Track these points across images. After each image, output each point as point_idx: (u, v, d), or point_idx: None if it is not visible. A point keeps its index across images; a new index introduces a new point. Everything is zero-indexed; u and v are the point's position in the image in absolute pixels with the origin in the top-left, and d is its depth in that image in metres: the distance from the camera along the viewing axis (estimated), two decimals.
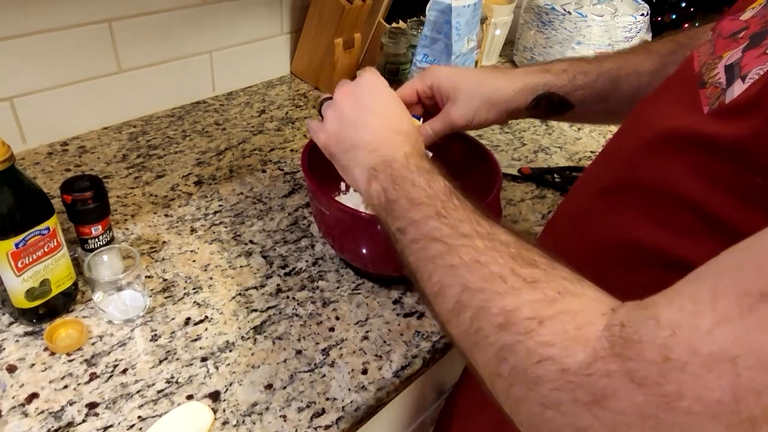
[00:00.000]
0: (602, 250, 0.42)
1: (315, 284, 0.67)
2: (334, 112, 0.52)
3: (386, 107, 0.51)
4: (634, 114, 0.46)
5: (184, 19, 0.92)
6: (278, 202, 0.79)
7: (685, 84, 0.39)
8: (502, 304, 0.32)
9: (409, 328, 0.63)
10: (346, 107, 0.51)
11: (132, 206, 0.76)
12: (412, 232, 0.40)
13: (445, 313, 0.36)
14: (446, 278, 0.36)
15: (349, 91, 0.52)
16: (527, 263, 0.34)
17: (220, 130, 0.94)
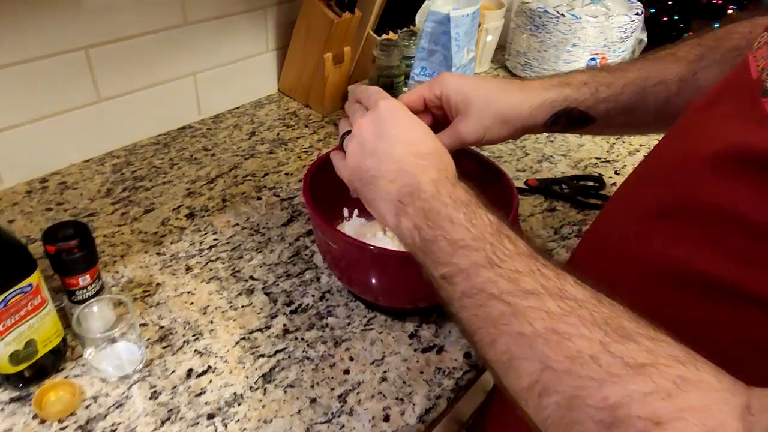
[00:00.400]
0: (656, 282, 0.38)
1: (324, 321, 0.62)
2: (354, 145, 0.48)
3: (408, 131, 0.47)
4: (682, 126, 0.42)
5: (164, 41, 0.87)
6: (277, 232, 0.75)
7: (743, 92, 0.35)
8: (602, 395, 0.27)
9: (429, 364, 0.59)
10: (365, 137, 0.47)
11: (120, 246, 0.71)
12: (461, 283, 0.36)
13: (519, 390, 0.32)
14: (517, 349, 0.32)
15: (367, 120, 0.48)
16: (620, 334, 0.29)
17: (209, 156, 0.89)
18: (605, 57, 1.13)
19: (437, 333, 0.62)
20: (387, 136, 0.46)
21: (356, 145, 0.48)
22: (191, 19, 0.89)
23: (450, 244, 0.38)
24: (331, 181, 0.58)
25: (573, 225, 0.80)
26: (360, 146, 0.47)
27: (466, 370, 0.58)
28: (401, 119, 0.48)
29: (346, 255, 0.58)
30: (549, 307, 0.31)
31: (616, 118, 0.56)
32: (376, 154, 0.46)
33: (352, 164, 0.48)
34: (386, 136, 0.46)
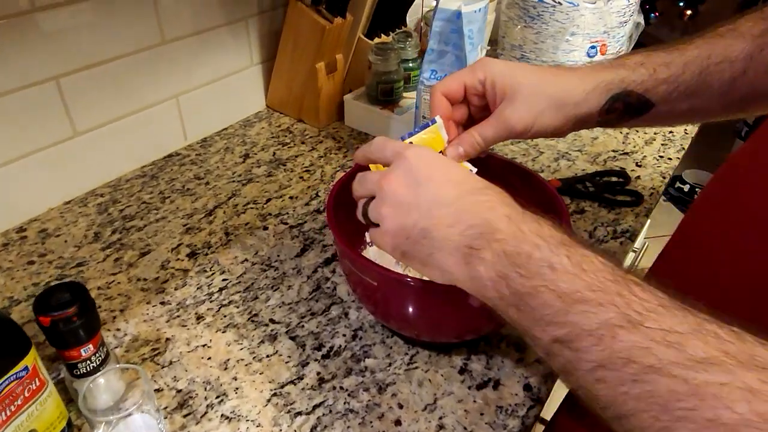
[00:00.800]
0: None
1: (362, 364, 0.55)
2: (387, 207, 0.41)
3: (449, 170, 0.41)
4: None
5: (141, 64, 0.79)
6: (291, 265, 0.67)
7: None
8: None
9: (488, 403, 0.52)
10: (399, 193, 0.41)
11: (119, 298, 0.63)
12: (592, 350, 0.29)
13: None
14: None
15: (394, 174, 0.41)
16: None
17: (202, 185, 0.81)
18: (605, 44, 1.08)
19: (489, 365, 0.56)
20: (426, 181, 0.40)
21: (390, 207, 0.41)
22: (169, 37, 0.81)
23: (559, 297, 0.31)
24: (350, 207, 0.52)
25: (607, 226, 0.75)
26: (396, 206, 0.41)
27: (530, 406, 0.52)
28: (435, 160, 0.42)
29: (383, 289, 0.51)
30: (747, 381, 0.24)
31: (678, 103, 0.50)
32: (420, 205, 0.39)
33: (393, 227, 0.41)
34: (426, 182, 0.40)
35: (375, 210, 0.43)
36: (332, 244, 0.70)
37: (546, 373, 0.55)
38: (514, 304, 0.34)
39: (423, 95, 0.74)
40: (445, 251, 0.38)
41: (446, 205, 0.38)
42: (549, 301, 0.32)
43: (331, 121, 0.97)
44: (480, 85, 0.50)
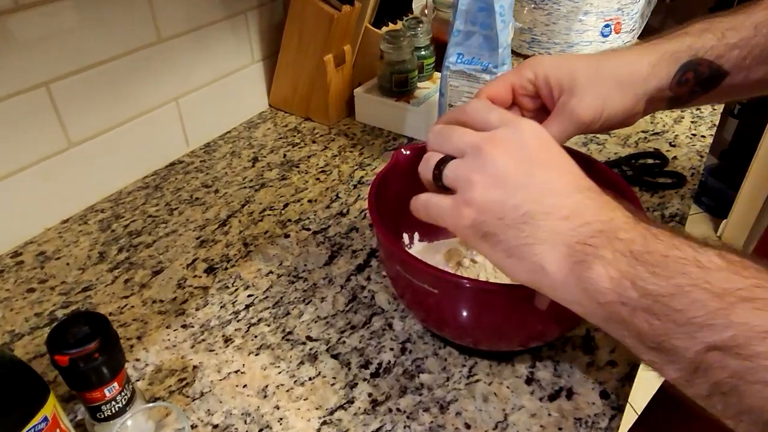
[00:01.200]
0: None
1: (417, 381, 0.50)
2: (482, 175, 0.35)
3: (567, 160, 0.36)
4: None
5: (138, 64, 0.72)
6: (321, 274, 0.61)
7: None
8: None
9: (564, 415, 0.47)
10: (505, 165, 0.35)
11: (134, 324, 0.56)
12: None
13: None
14: None
15: (503, 142, 0.36)
16: None
17: (212, 193, 0.75)
18: (620, 22, 1.03)
19: (557, 371, 0.50)
20: (544, 163, 0.35)
21: (488, 176, 0.35)
22: (165, 35, 0.74)
23: (716, 296, 0.26)
24: (387, 206, 0.47)
25: (653, 210, 0.70)
26: (496, 178, 0.35)
27: (611, 415, 0.47)
28: (554, 145, 0.36)
29: (443, 296, 0.45)
30: None
31: (752, 70, 0.45)
32: (530, 188, 0.34)
33: (484, 200, 0.35)
34: (543, 165, 0.35)
35: (460, 173, 0.36)
36: (362, 248, 0.64)
37: (621, 377, 0.49)
38: (646, 308, 0.29)
39: (449, 81, 0.68)
40: (550, 244, 0.33)
41: (565, 195, 0.34)
42: (701, 300, 0.26)
43: (341, 117, 0.91)
44: (530, 84, 0.45)
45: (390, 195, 0.52)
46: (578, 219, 0.33)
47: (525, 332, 0.47)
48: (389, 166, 0.54)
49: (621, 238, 0.31)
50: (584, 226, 0.32)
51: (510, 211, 0.34)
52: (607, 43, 1.04)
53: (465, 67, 0.66)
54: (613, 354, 0.52)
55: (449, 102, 0.69)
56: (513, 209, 0.34)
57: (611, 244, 0.31)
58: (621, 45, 1.06)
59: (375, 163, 0.80)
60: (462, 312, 0.46)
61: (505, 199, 0.34)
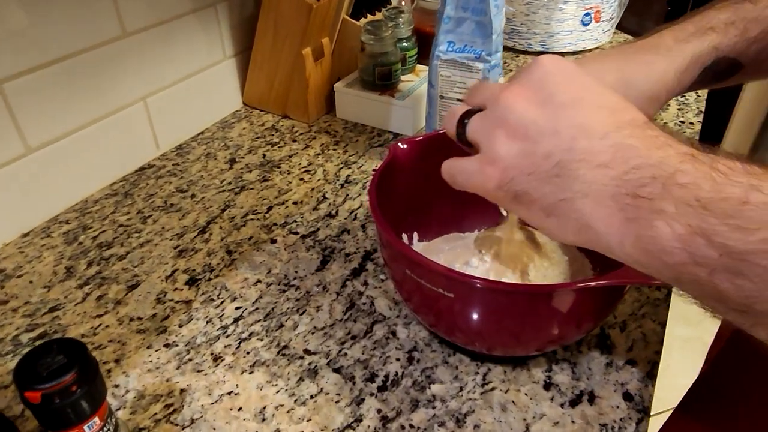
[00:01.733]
0: None
1: (428, 393, 0.46)
2: (504, 128, 0.31)
3: (601, 92, 0.31)
4: None
5: (99, 62, 0.66)
6: (314, 281, 0.57)
7: None
8: None
9: (589, 422, 0.44)
10: (526, 111, 0.31)
11: (111, 345, 0.51)
12: None
13: None
14: None
15: (521, 87, 0.32)
16: None
17: (188, 198, 0.69)
18: (600, 10, 1.02)
19: (576, 374, 0.47)
20: (572, 102, 0.30)
21: (511, 127, 0.31)
22: (130, 29, 0.69)
23: None
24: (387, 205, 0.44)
25: None
26: (519, 128, 0.31)
27: (638, 419, 0.44)
28: (582, 76, 0.32)
29: (459, 299, 0.41)
30: None
31: (766, 61, 0.43)
32: (560, 132, 0.30)
33: (508, 154, 0.31)
34: (570, 103, 0.30)
35: (483, 126, 0.33)
36: (356, 251, 0.60)
37: (643, 377, 0.47)
38: (729, 268, 0.25)
39: (439, 71, 0.64)
40: (593, 198, 0.29)
41: (599, 136, 0.29)
42: None
43: (321, 114, 0.86)
44: None
45: (389, 193, 0.48)
46: (621, 165, 0.28)
47: (545, 336, 0.43)
48: (387, 162, 0.50)
49: (682, 184, 0.26)
50: (630, 172, 0.27)
51: (540, 162, 0.30)
52: (587, 32, 1.03)
53: (457, 55, 0.63)
54: (631, 352, 0.49)
55: (440, 93, 0.66)
56: (543, 160, 0.30)
57: (670, 192, 0.26)
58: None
59: (361, 161, 0.76)
60: (480, 316, 0.42)
61: (531, 149, 0.30)
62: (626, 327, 0.51)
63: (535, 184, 0.30)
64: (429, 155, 0.53)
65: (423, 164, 0.53)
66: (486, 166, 0.32)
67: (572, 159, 0.29)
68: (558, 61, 0.32)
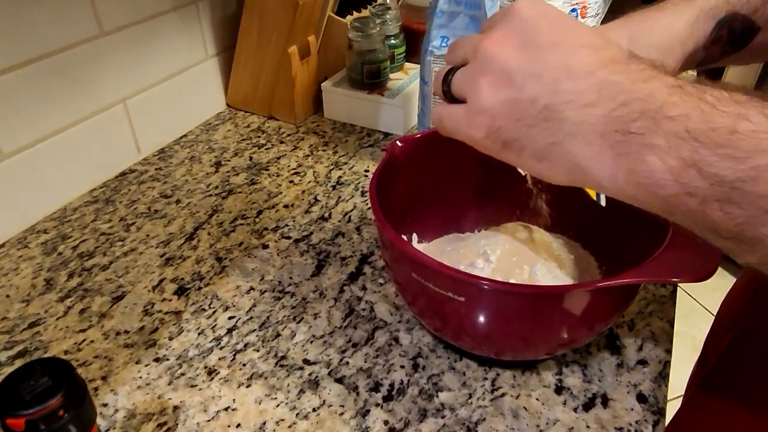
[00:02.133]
0: None
1: (436, 401, 0.44)
2: (488, 76, 0.31)
3: (580, 31, 0.31)
4: None
5: (76, 63, 0.63)
6: (310, 287, 0.55)
7: None
8: None
9: (604, 426, 0.42)
10: (508, 57, 0.30)
11: (97, 362, 0.48)
12: None
13: None
14: None
15: (500, 33, 0.31)
16: None
17: (173, 204, 0.66)
18: (585, 5, 1.01)
19: (587, 377, 0.46)
20: (551, 44, 0.30)
21: (494, 74, 0.31)
22: (108, 27, 0.66)
23: None
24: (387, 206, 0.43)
25: None
26: (502, 74, 0.30)
27: (654, 421, 0.42)
28: (560, 16, 0.31)
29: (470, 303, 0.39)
30: None
31: None
32: (543, 75, 0.29)
33: (494, 102, 0.30)
34: (550, 45, 0.30)
35: (466, 79, 0.32)
36: (352, 255, 0.58)
37: (655, 376, 0.46)
38: (720, 197, 0.25)
39: (433, 67, 0.63)
40: (582, 138, 0.28)
41: (583, 76, 0.29)
42: None
43: (307, 114, 0.84)
44: None
45: (388, 193, 0.46)
46: (608, 102, 0.28)
47: (560, 339, 0.42)
48: (385, 161, 0.48)
49: (671, 116, 0.26)
50: (619, 108, 0.27)
51: (526, 107, 0.30)
52: None
53: None
54: (642, 352, 0.48)
55: (433, 90, 0.64)
56: (529, 105, 0.29)
57: (659, 125, 0.26)
58: None
59: (352, 162, 0.73)
60: (493, 321, 0.40)
61: (517, 95, 0.30)
62: (634, 326, 0.50)
63: (524, 130, 0.30)
64: (427, 153, 0.51)
65: (421, 163, 0.51)
66: (474, 115, 0.32)
67: (559, 101, 0.29)
68: (534, 4, 0.32)
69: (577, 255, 0.50)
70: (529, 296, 0.37)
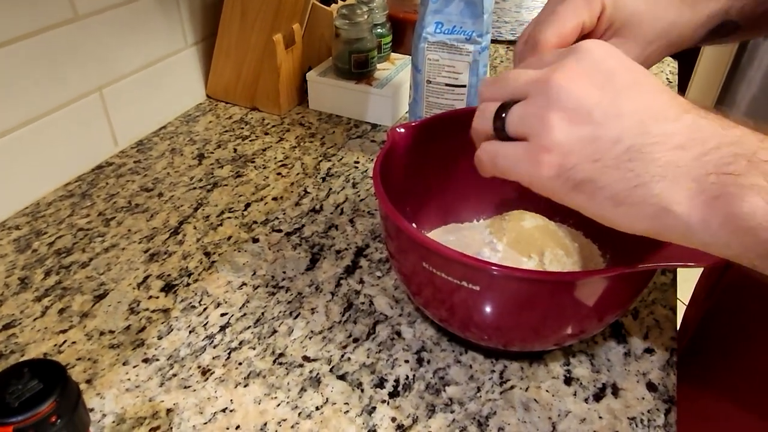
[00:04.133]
0: None
1: (444, 396, 0.42)
2: (560, 111, 0.28)
3: (653, 78, 0.30)
4: None
5: (47, 48, 0.59)
6: (305, 281, 0.52)
7: None
8: None
9: (616, 416, 0.41)
10: (586, 92, 0.28)
11: (80, 364, 0.44)
12: None
13: None
14: None
15: (574, 68, 0.29)
16: None
17: (155, 197, 0.63)
18: None
19: (596, 367, 0.45)
20: (632, 84, 0.29)
21: (568, 111, 0.28)
22: (83, 11, 0.62)
23: None
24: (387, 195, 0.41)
25: None
26: (578, 111, 0.28)
27: (665, 410, 0.42)
28: (634, 62, 0.30)
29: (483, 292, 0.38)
30: None
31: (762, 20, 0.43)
32: (625, 115, 0.28)
33: (569, 140, 0.28)
34: (631, 86, 0.29)
35: (531, 114, 0.29)
36: (347, 247, 0.56)
37: (663, 364, 0.45)
38: None
39: (427, 54, 0.61)
40: (671, 181, 0.27)
41: (671, 118, 0.28)
42: None
43: (292, 105, 0.81)
44: (596, 20, 0.39)
45: (389, 182, 0.44)
46: (698, 146, 0.27)
47: (572, 327, 0.41)
48: (387, 149, 0.46)
49: (766, 159, 0.25)
50: (710, 152, 0.26)
51: (608, 147, 0.28)
52: None
53: (446, 37, 0.59)
54: (648, 340, 0.47)
55: (427, 78, 0.62)
56: (611, 144, 0.28)
57: (757, 167, 0.25)
58: None
59: (341, 153, 0.71)
60: (509, 310, 0.39)
61: (596, 134, 0.28)
62: (638, 314, 0.49)
63: (603, 171, 0.28)
64: (427, 141, 0.50)
65: (421, 150, 0.50)
66: (541, 153, 0.29)
67: (645, 142, 0.27)
68: (604, 44, 0.30)
69: (580, 243, 0.49)
70: (556, 284, 0.36)
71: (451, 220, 0.54)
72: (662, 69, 0.92)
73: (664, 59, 0.96)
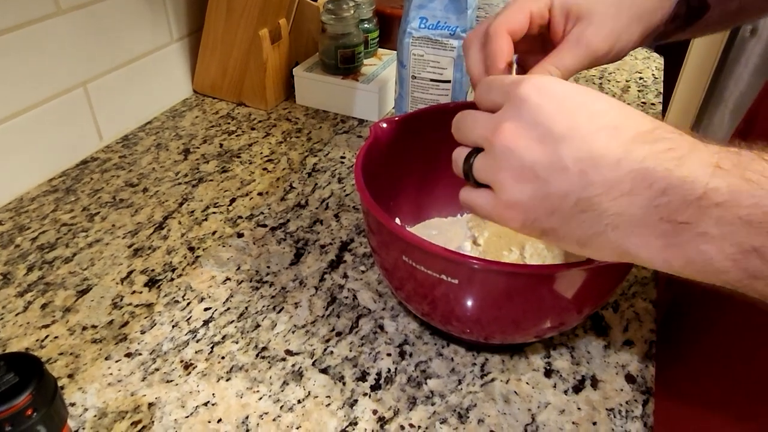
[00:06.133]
0: None
1: (425, 389, 0.43)
2: (506, 172, 0.29)
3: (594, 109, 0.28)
4: None
5: (30, 42, 0.59)
6: (290, 276, 0.53)
7: None
8: None
9: (595, 407, 0.42)
10: (524, 152, 0.28)
11: (62, 359, 0.44)
12: None
13: None
14: None
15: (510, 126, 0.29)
16: None
17: (139, 192, 0.63)
18: None
19: (575, 359, 0.45)
20: (568, 132, 0.28)
21: (512, 171, 0.29)
22: (66, 5, 0.62)
23: None
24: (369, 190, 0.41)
25: None
26: (522, 171, 0.29)
27: (643, 401, 0.42)
28: (569, 94, 0.29)
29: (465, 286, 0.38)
30: None
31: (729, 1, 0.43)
32: (568, 168, 0.27)
33: (522, 198, 0.29)
34: (568, 133, 0.28)
35: (488, 170, 0.30)
36: (331, 242, 0.56)
37: (642, 357, 0.45)
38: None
39: (411, 50, 0.61)
40: (625, 229, 0.27)
41: (611, 165, 0.26)
42: None
43: (279, 101, 0.81)
44: (547, 12, 0.40)
45: (372, 176, 0.44)
46: (645, 190, 0.26)
47: (552, 320, 0.41)
48: (369, 144, 0.46)
49: (718, 203, 0.24)
50: (658, 197, 0.25)
51: (558, 202, 0.28)
52: None
53: (430, 32, 0.60)
54: (627, 333, 0.48)
55: (412, 73, 0.63)
56: (561, 200, 0.28)
57: (707, 214, 0.24)
58: None
59: (327, 148, 0.71)
60: (489, 303, 0.39)
61: (545, 191, 0.28)
62: (619, 307, 0.50)
63: (561, 222, 0.29)
64: (409, 135, 0.50)
65: (403, 145, 0.50)
66: (504, 209, 0.30)
67: (591, 195, 0.27)
68: (541, 88, 0.29)
69: None
70: (533, 277, 0.36)
71: (435, 214, 0.55)
72: (648, 65, 0.93)
73: (650, 55, 0.96)
